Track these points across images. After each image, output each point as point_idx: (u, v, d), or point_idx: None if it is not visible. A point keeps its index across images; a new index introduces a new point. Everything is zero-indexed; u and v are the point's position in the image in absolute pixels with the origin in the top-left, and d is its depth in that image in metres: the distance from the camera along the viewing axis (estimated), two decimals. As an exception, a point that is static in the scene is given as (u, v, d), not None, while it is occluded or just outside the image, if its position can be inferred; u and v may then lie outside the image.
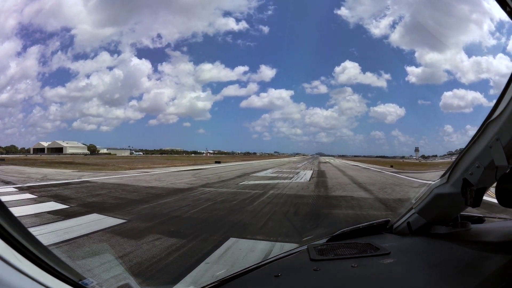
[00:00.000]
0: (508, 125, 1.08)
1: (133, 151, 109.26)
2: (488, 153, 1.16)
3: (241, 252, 4.37)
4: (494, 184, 1.20)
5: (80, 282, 0.82)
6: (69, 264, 0.84)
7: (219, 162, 37.61)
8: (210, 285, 1.27)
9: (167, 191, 10.71)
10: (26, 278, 0.66)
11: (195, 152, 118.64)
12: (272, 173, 21.63)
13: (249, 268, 1.36)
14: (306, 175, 20.03)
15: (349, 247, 1.44)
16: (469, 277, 1.04)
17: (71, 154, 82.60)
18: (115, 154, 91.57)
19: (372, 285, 1.12)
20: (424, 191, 1.52)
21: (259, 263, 1.43)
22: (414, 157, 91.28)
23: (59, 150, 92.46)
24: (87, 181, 13.50)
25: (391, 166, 34.00)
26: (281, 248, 4.51)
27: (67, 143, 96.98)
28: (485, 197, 1.28)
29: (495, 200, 1.18)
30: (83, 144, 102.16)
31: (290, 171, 24.06)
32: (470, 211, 1.50)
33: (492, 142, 1.13)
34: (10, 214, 0.72)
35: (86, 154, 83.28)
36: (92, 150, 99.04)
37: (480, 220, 1.65)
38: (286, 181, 15.44)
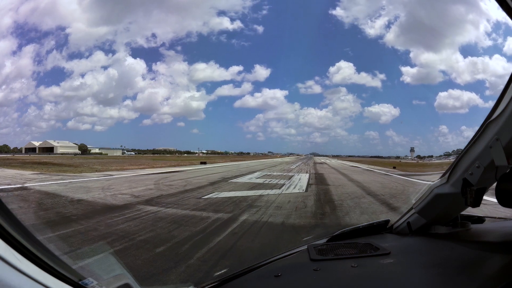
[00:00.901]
0: (508, 125, 1.08)
1: (125, 151, 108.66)
2: (488, 153, 1.16)
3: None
4: (494, 184, 1.20)
5: (80, 282, 0.81)
6: (69, 264, 0.84)
7: (204, 163, 34.44)
8: (210, 285, 1.27)
9: (87, 211, 7.20)
10: (26, 278, 0.66)
11: (188, 152, 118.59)
12: (259, 177, 17.50)
13: (249, 268, 1.36)
14: (301, 180, 16.01)
15: (349, 247, 1.44)
16: (469, 277, 1.04)
17: (62, 153, 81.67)
18: (106, 154, 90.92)
19: (372, 285, 1.12)
20: (424, 191, 1.52)
21: (259, 263, 1.43)
22: (409, 157, 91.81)
23: (50, 149, 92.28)
24: (24, 188, 10.96)
25: (394, 168, 31.60)
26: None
27: (58, 143, 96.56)
28: (485, 197, 1.28)
29: (495, 200, 1.18)
30: (74, 143, 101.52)
31: (282, 174, 20.23)
32: (470, 211, 1.50)
33: (492, 142, 1.13)
34: (10, 214, 0.72)
35: (76, 154, 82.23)
36: (83, 149, 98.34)
37: (480, 220, 1.66)
38: (273, 191, 11.09)
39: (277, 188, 12.38)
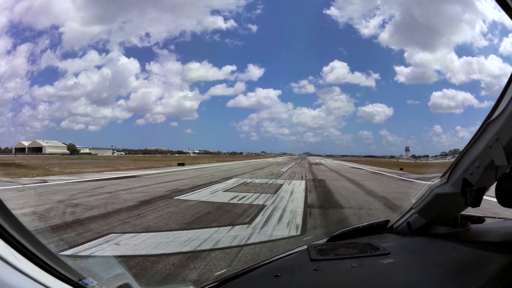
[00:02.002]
0: (508, 125, 1.09)
1: (115, 151, 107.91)
2: (488, 153, 1.16)
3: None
4: (494, 184, 1.21)
5: (80, 282, 0.81)
6: (69, 264, 0.84)
7: (182, 164, 31.37)
8: (210, 285, 1.26)
9: None
10: (26, 278, 0.66)
11: (180, 152, 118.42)
12: (229, 189, 12.41)
13: (249, 268, 1.36)
14: (294, 196, 10.53)
15: (349, 247, 1.44)
16: (469, 277, 1.04)
17: (50, 154, 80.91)
18: (96, 154, 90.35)
19: (372, 285, 1.11)
20: (424, 191, 1.52)
21: (259, 263, 1.42)
22: (404, 157, 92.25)
23: (38, 149, 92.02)
24: None
25: (401, 169, 27.70)
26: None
27: (46, 143, 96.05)
28: (485, 197, 1.29)
29: (495, 200, 1.19)
30: (64, 143, 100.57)
31: (266, 183, 15.04)
32: (470, 211, 1.51)
33: (492, 142, 1.13)
34: (10, 214, 0.72)
35: (63, 154, 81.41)
36: (72, 149, 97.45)
37: (480, 220, 1.66)
38: (233, 234, 5.61)
39: (246, 219, 6.71)
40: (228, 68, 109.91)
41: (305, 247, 1.49)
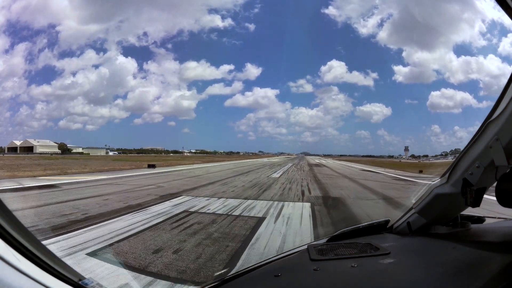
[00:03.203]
0: (508, 125, 1.09)
1: (109, 151, 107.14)
2: (488, 153, 1.16)
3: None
4: (494, 184, 1.21)
5: (80, 282, 0.82)
6: (69, 264, 0.84)
7: (153, 166, 26.64)
8: (210, 285, 1.26)
9: None
10: (26, 278, 0.66)
11: (175, 152, 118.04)
12: (118, 242, 4.63)
13: (249, 268, 1.36)
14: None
15: (349, 247, 1.44)
16: (469, 277, 1.04)
17: (40, 153, 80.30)
18: (88, 154, 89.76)
19: (372, 285, 1.11)
20: (424, 191, 1.52)
21: (259, 263, 1.42)
22: (403, 157, 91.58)
23: (30, 149, 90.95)
24: None
25: (421, 171, 22.81)
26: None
27: (38, 142, 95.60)
28: (485, 197, 1.29)
29: (495, 199, 1.18)
30: (55, 143, 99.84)
31: (229, 214, 7.52)
32: (470, 211, 1.50)
33: (492, 142, 1.14)
34: (10, 214, 0.72)
35: (52, 154, 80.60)
36: (64, 149, 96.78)
37: (480, 220, 1.66)
38: None
39: None
40: (226, 67, 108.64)
41: (305, 247, 1.49)
